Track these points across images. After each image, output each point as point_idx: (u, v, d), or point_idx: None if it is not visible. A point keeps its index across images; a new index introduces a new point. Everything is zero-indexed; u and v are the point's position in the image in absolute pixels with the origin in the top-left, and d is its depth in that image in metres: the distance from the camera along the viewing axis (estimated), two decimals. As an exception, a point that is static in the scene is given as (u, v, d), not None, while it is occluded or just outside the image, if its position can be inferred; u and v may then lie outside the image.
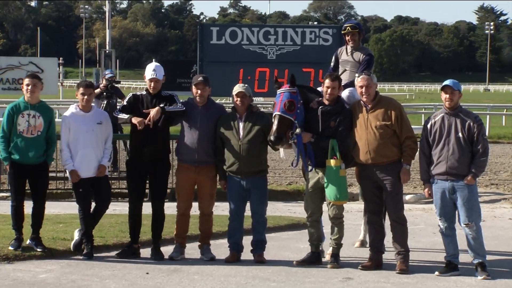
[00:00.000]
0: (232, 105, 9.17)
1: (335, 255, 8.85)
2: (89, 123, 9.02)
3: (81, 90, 9.04)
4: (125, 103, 9.26)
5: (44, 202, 9.16)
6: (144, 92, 9.27)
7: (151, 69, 9.21)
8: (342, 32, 9.98)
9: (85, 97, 9.04)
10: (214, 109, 9.16)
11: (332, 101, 8.78)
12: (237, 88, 9.09)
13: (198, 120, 9.00)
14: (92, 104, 9.23)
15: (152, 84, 9.11)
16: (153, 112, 8.93)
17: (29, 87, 8.96)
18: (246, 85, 9.19)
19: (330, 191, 8.69)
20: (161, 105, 8.95)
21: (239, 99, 8.99)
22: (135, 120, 8.98)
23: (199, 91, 9.03)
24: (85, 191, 9.07)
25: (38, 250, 8.96)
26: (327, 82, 8.80)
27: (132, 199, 9.24)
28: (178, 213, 9.22)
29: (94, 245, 9.42)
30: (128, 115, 9.07)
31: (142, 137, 8.98)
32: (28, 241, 9.05)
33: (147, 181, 9.25)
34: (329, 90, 8.77)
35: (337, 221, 8.87)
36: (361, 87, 8.70)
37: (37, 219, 9.06)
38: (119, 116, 9.16)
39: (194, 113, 9.04)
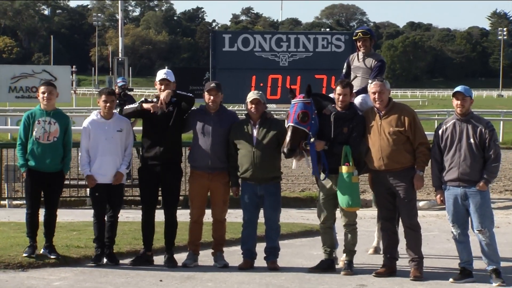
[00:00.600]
0: (245, 112, 9.16)
1: (349, 262, 8.83)
2: (109, 131, 9.09)
3: (103, 97, 9.12)
4: (136, 104, 9.26)
5: (56, 210, 9.19)
6: (154, 100, 9.28)
7: (162, 73, 9.26)
8: (354, 38, 9.97)
9: (107, 104, 9.11)
10: (227, 115, 9.16)
11: (344, 108, 8.78)
12: (252, 95, 9.10)
13: (211, 126, 9.00)
14: (115, 111, 9.27)
15: (162, 87, 9.09)
16: (163, 94, 8.97)
17: (45, 95, 9.02)
18: (260, 92, 9.20)
19: (342, 198, 8.68)
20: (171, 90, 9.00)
21: (253, 106, 8.99)
22: (146, 105, 9.02)
23: (211, 97, 9.04)
24: (101, 196, 9.11)
25: (52, 257, 8.98)
26: (338, 89, 8.80)
27: (145, 206, 9.26)
28: (191, 220, 9.22)
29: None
30: (136, 104, 9.14)
31: (155, 137, 9.00)
32: (42, 250, 9.07)
33: (160, 188, 9.25)
34: (340, 97, 8.77)
35: (350, 227, 8.85)
36: (374, 93, 8.69)
37: (50, 227, 9.08)
38: (126, 107, 9.25)
39: (206, 119, 9.04)
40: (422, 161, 8.59)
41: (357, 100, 9.30)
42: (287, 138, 8.69)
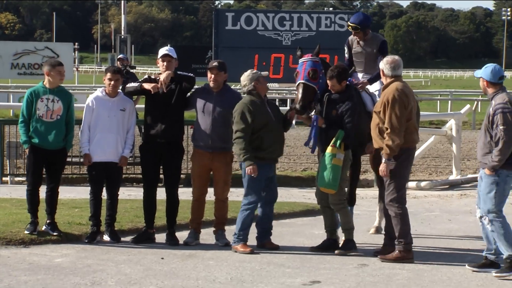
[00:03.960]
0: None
1: (346, 241, 8.79)
2: (112, 108, 9.08)
3: (108, 75, 9.13)
4: (137, 84, 9.24)
5: (58, 187, 9.19)
6: (158, 78, 9.25)
7: (164, 49, 9.24)
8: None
9: (112, 82, 9.10)
10: (230, 95, 9.12)
11: (336, 91, 8.75)
12: (261, 74, 9.08)
13: (212, 105, 8.98)
14: (119, 90, 9.26)
15: (165, 64, 9.06)
16: (163, 75, 8.97)
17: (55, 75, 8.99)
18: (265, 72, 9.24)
19: (319, 177, 8.73)
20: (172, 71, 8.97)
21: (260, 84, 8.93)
22: (147, 85, 9.01)
23: (212, 76, 9.01)
24: (98, 174, 9.11)
25: (54, 234, 9.00)
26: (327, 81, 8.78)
27: (146, 184, 9.26)
28: (193, 199, 9.24)
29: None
30: (137, 83, 9.15)
31: (157, 115, 8.99)
32: (43, 227, 9.08)
33: (161, 167, 9.26)
34: (331, 87, 8.76)
35: (337, 207, 8.78)
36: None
37: (52, 204, 9.09)
38: (128, 86, 9.23)
39: (208, 98, 9.02)
40: (384, 148, 8.37)
41: (373, 88, 9.32)
42: (299, 95, 8.73)
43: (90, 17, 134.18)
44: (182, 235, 9.25)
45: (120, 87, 16.37)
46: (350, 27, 9.71)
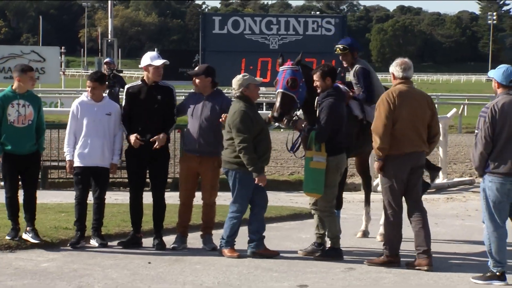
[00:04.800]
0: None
1: (331, 248, 8.71)
2: (97, 113, 9.03)
3: (87, 83, 9.11)
4: (124, 104, 9.16)
5: (36, 191, 9.08)
6: (139, 82, 9.23)
7: (149, 56, 9.21)
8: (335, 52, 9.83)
9: (90, 89, 9.08)
10: (220, 99, 9.08)
11: (321, 89, 8.77)
12: (257, 80, 9.01)
13: (200, 109, 8.97)
14: (105, 95, 9.22)
15: (152, 71, 9.04)
16: (159, 142, 8.88)
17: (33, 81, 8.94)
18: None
19: (303, 182, 8.73)
20: (164, 133, 8.94)
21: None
22: (132, 138, 8.96)
23: (196, 81, 9.06)
24: (83, 179, 9.05)
25: (35, 242, 8.86)
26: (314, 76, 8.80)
27: (133, 189, 9.24)
28: (180, 202, 9.23)
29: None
30: (125, 132, 9.09)
31: (142, 125, 8.97)
32: (24, 234, 8.94)
33: (147, 170, 9.23)
34: (315, 83, 8.76)
35: (323, 214, 8.73)
36: None
37: (31, 211, 8.93)
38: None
39: (198, 102, 9.03)
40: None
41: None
42: (277, 104, 8.71)
43: (76, 21, 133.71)
44: (169, 239, 9.24)
45: (107, 91, 16.35)
46: (338, 49, 9.63)
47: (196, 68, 9.19)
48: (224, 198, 11.72)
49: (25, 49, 28.85)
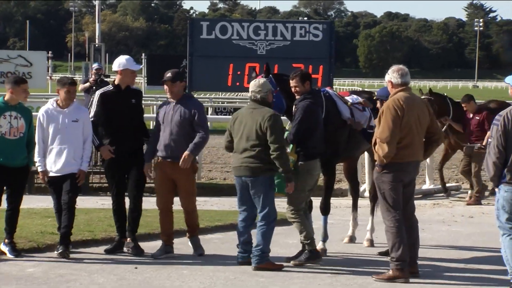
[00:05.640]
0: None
1: (308, 251, 8.63)
2: (64, 120, 8.77)
3: (65, 87, 8.82)
4: (97, 109, 9.06)
5: (20, 205, 8.86)
6: (110, 87, 9.21)
7: (125, 59, 9.20)
8: None
9: (64, 95, 8.82)
10: (191, 104, 8.94)
11: (300, 93, 8.77)
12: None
13: (171, 115, 8.85)
14: (75, 101, 8.99)
15: (130, 75, 9.08)
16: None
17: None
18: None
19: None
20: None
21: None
22: (105, 151, 8.97)
23: (168, 88, 8.89)
24: (56, 188, 8.84)
25: (11, 256, 8.63)
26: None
27: (115, 196, 9.19)
28: (159, 210, 9.07)
29: (83, 239, 9.39)
30: (96, 142, 9.01)
31: (116, 130, 8.95)
32: (2, 245, 8.77)
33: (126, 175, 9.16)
34: (295, 88, 8.77)
35: (290, 217, 8.73)
36: None
37: (12, 224, 8.75)
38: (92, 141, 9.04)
39: (168, 109, 8.89)
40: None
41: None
42: None
43: (64, 26, 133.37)
44: (156, 245, 9.20)
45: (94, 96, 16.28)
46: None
47: (168, 74, 8.93)
48: (211, 204, 11.79)
49: (12, 53, 28.71)
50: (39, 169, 8.90)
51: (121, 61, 9.20)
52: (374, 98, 9.46)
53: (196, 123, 8.85)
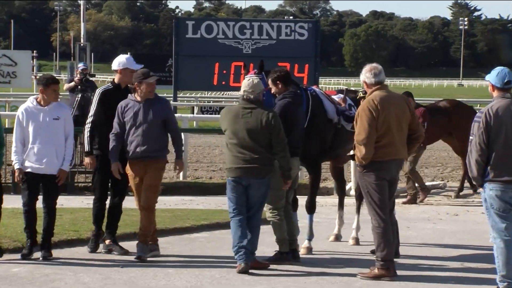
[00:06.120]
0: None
1: (276, 252, 8.62)
2: (44, 119, 8.61)
3: (51, 87, 8.67)
4: (95, 105, 8.95)
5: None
6: (110, 86, 9.10)
7: (125, 58, 9.12)
8: None
9: (41, 95, 8.69)
10: (161, 104, 8.84)
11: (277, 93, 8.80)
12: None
13: (142, 115, 8.66)
14: (59, 100, 8.88)
15: (130, 74, 8.92)
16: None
17: None
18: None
19: None
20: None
21: None
22: (90, 160, 8.92)
23: (147, 88, 8.69)
24: (32, 185, 8.64)
25: None
26: None
27: (100, 194, 9.09)
28: (139, 209, 8.87)
29: (68, 239, 9.37)
30: (87, 148, 8.90)
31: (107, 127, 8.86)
32: None
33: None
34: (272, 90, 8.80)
35: (269, 216, 8.71)
36: None
37: None
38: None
39: (137, 109, 8.68)
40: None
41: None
42: None
43: (49, 25, 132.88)
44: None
45: (79, 96, 16.20)
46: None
47: (141, 73, 8.78)
48: (196, 203, 11.78)
49: (-4, 53, 28.59)
50: (16, 166, 8.64)
51: (121, 60, 9.10)
52: (358, 97, 9.46)
53: (169, 123, 8.75)
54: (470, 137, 7.32)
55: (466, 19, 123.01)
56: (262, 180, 8.27)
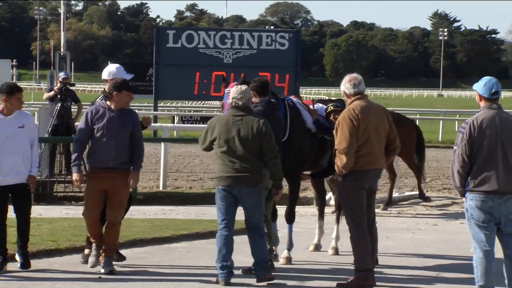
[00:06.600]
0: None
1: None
2: (9, 128, 8.44)
3: (4, 94, 8.47)
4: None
5: None
6: (103, 98, 8.77)
7: (115, 68, 9.00)
8: None
9: (3, 103, 8.49)
10: (131, 114, 8.67)
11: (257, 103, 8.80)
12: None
13: (114, 124, 8.48)
14: (23, 109, 8.70)
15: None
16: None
17: None
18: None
19: None
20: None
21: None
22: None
23: (125, 97, 8.55)
24: (2, 196, 8.50)
25: None
26: None
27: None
28: (89, 221, 8.55)
29: (47, 249, 9.31)
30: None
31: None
32: None
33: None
34: None
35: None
36: None
37: None
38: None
39: (110, 117, 8.51)
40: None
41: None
42: None
43: (28, 34, 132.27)
44: (130, 253, 9.14)
45: (59, 105, 16.12)
46: None
47: (121, 82, 8.64)
48: (176, 213, 11.72)
49: (-25, 61, 28.42)
50: None
51: (111, 70, 8.98)
52: (326, 111, 9.48)
53: (136, 134, 8.57)
54: (454, 147, 7.34)
55: (445, 30, 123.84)
56: (254, 188, 8.13)
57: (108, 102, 8.57)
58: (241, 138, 8.06)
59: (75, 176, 8.49)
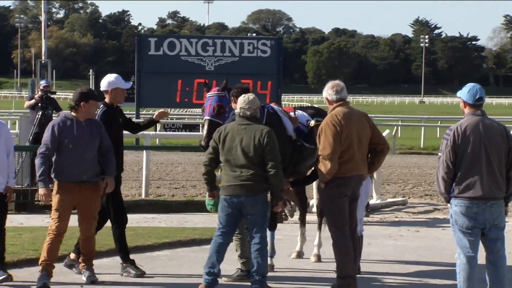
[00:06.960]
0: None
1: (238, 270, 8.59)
2: None
3: None
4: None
5: None
6: (104, 107, 8.79)
7: (114, 77, 8.88)
8: None
9: None
10: (97, 125, 8.50)
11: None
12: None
13: (82, 136, 8.32)
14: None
15: (120, 93, 8.82)
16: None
17: None
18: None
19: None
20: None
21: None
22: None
23: (91, 107, 8.40)
24: None
25: None
26: None
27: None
28: (55, 234, 8.29)
29: (27, 258, 9.23)
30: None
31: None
32: None
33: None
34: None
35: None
36: None
37: None
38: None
39: (77, 128, 8.34)
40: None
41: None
42: (204, 132, 8.68)
43: (9, 42, 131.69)
44: (103, 263, 9.09)
45: (40, 113, 16.01)
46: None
47: (85, 92, 8.45)
48: (159, 220, 11.65)
49: (-45, 70, 28.29)
50: None
51: (110, 80, 8.82)
52: (309, 126, 9.45)
53: (104, 143, 8.41)
54: (439, 154, 7.35)
55: (427, 36, 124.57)
56: (256, 197, 7.95)
57: (73, 113, 8.38)
58: (244, 147, 7.94)
59: (42, 191, 8.22)
